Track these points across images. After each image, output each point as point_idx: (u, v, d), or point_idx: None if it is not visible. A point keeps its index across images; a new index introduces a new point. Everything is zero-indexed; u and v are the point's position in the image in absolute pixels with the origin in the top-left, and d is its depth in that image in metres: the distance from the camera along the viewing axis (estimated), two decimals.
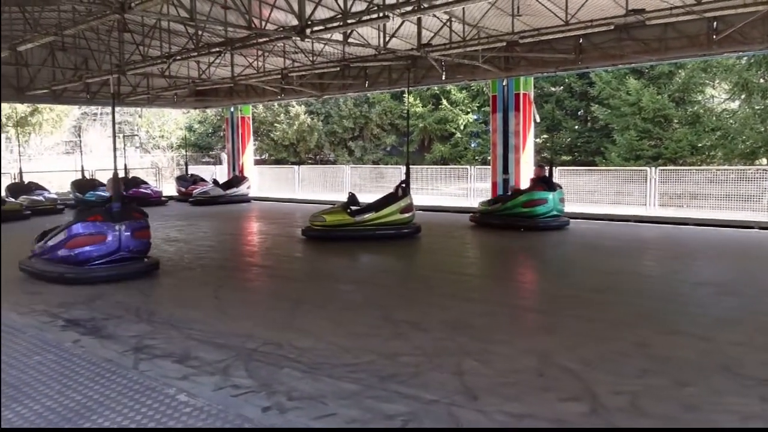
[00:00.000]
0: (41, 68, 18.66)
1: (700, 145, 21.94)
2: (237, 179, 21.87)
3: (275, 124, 32.67)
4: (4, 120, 30.58)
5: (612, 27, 12.22)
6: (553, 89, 26.98)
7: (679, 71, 22.76)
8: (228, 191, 20.73)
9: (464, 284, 7.96)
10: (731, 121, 21.77)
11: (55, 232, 8.19)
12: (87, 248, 7.89)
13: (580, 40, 13.97)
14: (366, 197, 14.08)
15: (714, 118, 22.13)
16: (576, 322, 5.89)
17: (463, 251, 11.02)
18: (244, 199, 21.12)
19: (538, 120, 16.71)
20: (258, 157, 30.32)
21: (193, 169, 25.10)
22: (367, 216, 11.57)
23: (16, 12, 13.70)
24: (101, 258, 7.95)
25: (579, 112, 27.58)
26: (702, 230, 12.55)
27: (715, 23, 12.21)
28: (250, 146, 24.47)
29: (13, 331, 5.45)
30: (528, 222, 12.63)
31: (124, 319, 6.08)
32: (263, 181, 24.03)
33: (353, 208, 11.79)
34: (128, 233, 8.09)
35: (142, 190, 19.91)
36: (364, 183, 20.66)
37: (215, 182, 21.43)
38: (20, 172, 19.32)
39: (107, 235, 7.94)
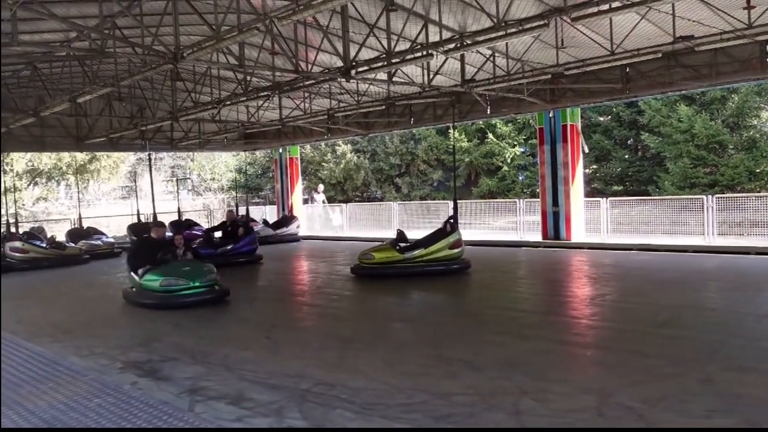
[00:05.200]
0: (99, 118, 19.47)
1: (758, 170, 21.20)
2: (286, 219, 22.15)
3: (322, 164, 33.14)
4: (64, 168, 32.01)
5: (660, 55, 12.08)
6: (600, 119, 26.61)
7: (732, 96, 22.16)
8: (278, 231, 20.98)
9: (518, 321, 7.80)
10: None
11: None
12: None
13: (627, 69, 13.80)
14: (414, 233, 14.06)
15: None
16: (636, 358, 5.68)
17: (514, 286, 10.84)
18: (294, 238, 21.33)
19: (586, 151, 16.51)
20: (306, 197, 30.68)
21: (243, 210, 25.49)
22: (416, 252, 11.50)
23: (76, 66, 14.39)
24: None
25: (629, 141, 27.04)
26: (765, 259, 12.04)
27: (767, 46, 11.93)
28: (299, 186, 24.85)
29: (74, 374, 5.58)
30: None
31: (179, 361, 6.17)
32: (312, 222, 24.26)
33: (402, 244, 11.75)
34: None
35: (194, 231, 20.31)
36: (412, 219, 20.62)
37: (265, 222, 21.74)
38: (79, 218, 20.06)
39: None
